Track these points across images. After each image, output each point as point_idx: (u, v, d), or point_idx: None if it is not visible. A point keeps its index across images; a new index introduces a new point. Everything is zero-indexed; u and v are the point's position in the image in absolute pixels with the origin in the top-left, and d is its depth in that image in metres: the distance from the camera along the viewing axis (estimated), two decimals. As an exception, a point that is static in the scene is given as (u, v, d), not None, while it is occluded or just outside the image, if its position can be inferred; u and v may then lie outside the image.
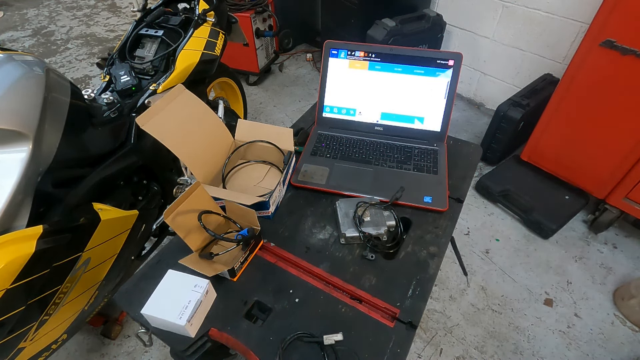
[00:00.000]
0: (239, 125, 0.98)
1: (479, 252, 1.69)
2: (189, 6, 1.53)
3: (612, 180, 1.58)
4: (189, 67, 1.37)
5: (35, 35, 3.49)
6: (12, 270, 0.72)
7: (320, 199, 0.92)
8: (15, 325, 0.79)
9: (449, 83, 0.99)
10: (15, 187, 0.80)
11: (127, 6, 3.96)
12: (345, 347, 0.65)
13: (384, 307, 0.71)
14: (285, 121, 2.49)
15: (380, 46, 1.01)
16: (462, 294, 1.55)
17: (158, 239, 1.41)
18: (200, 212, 0.74)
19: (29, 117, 0.85)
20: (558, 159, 1.75)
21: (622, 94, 1.42)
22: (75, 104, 1.00)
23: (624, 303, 1.48)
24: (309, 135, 1.07)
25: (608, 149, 1.54)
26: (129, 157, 1.17)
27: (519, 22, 2.06)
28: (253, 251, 0.80)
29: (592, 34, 1.41)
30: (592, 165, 1.63)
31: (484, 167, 2.11)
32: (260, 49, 2.62)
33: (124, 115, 1.18)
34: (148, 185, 1.31)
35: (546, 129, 1.71)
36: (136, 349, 1.40)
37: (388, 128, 1.07)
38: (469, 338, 1.42)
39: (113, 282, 1.13)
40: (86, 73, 2.97)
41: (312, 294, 0.73)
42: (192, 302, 0.65)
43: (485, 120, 2.38)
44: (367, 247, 0.81)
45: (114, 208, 1.00)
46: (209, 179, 0.89)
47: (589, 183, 1.68)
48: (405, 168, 0.97)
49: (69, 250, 0.85)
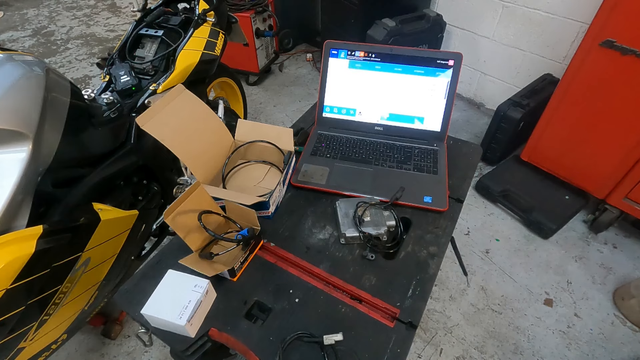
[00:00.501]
0: (239, 125, 0.97)
1: (479, 252, 1.69)
2: (189, 6, 1.54)
3: (612, 180, 1.58)
4: (189, 67, 1.37)
5: (35, 35, 3.49)
6: (12, 270, 0.72)
7: (320, 199, 0.92)
8: (15, 325, 0.79)
9: (449, 83, 0.99)
10: (15, 187, 0.80)
11: (127, 6, 3.96)
12: (345, 347, 0.65)
13: (384, 307, 0.71)
14: (285, 121, 2.49)
15: (380, 46, 1.01)
16: (462, 294, 1.55)
17: (158, 239, 1.41)
18: (200, 212, 0.74)
19: (29, 117, 0.85)
20: (558, 159, 1.75)
21: (622, 94, 1.42)
22: (75, 104, 1.00)
23: (624, 303, 1.48)
24: (309, 135, 1.07)
25: (608, 149, 1.54)
26: (129, 157, 1.17)
27: (519, 22, 2.06)
28: (253, 251, 0.80)
29: (592, 34, 1.41)
30: (592, 165, 1.63)
31: (484, 167, 2.11)
32: (260, 49, 2.62)
33: (124, 115, 1.18)
34: (148, 185, 1.31)
35: (546, 129, 1.71)
36: (136, 349, 1.40)
37: (388, 128, 1.07)
38: (469, 338, 1.42)
39: (113, 282, 1.13)
40: (86, 73, 2.97)
41: (312, 294, 0.73)
42: (192, 302, 0.65)
43: (485, 120, 2.38)
44: (367, 247, 0.81)
45: (114, 208, 1.00)
46: (209, 179, 0.89)
47: (589, 183, 1.68)
48: (405, 168, 0.97)
49: (69, 250, 0.85)
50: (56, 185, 0.92)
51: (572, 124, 1.62)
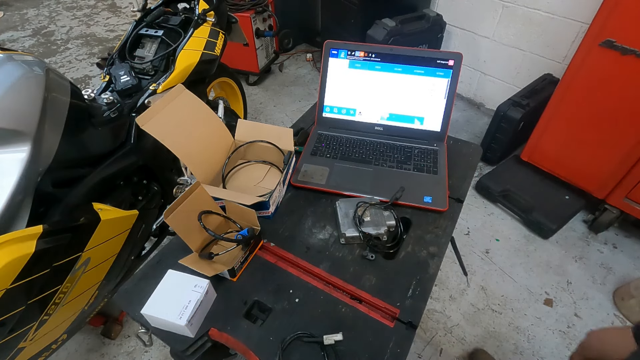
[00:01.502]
0: (239, 125, 0.97)
1: (479, 252, 1.69)
2: (189, 6, 1.54)
3: (612, 180, 1.58)
4: (189, 67, 1.37)
5: (35, 35, 3.49)
6: (12, 270, 0.72)
7: (320, 199, 0.92)
8: (15, 325, 0.79)
9: (449, 83, 0.99)
10: (15, 187, 0.80)
11: (127, 6, 3.96)
12: (345, 347, 0.65)
13: (384, 307, 0.71)
14: (285, 121, 2.49)
15: (380, 46, 1.01)
16: (462, 294, 1.55)
17: (158, 239, 1.41)
18: (200, 212, 0.74)
19: (29, 117, 0.85)
20: (558, 159, 1.75)
21: (622, 94, 1.42)
22: (75, 104, 1.00)
23: (624, 303, 1.48)
24: (309, 135, 1.07)
25: (608, 149, 1.54)
26: (129, 157, 1.17)
27: (519, 22, 2.06)
28: (253, 251, 0.80)
29: (592, 34, 1.41)
30: (592, 165, 1.63)
31: (484, 167, 2.11)
32: (260, 49, 2.62)
33: (124, 115, 1.18)
34: (148, 185, 1.31)
35: (546, 129, 1.71)
36: (136, 349, 1.40)
37: (388, 128, 1.07)
38: (469, 338, 1.42)
39: (113, 282, 1.13)
40: (86, 73, 2.97)
41: (312, 294, 0.73)
42: (192, 302, 0.65)
43: (485, 120, 2.39)
44: (367, 247, 0.81)
45: (114, 208, 1.00)
46: (209, 179, 0.89)
47: (589, 183, 1.68)
48: (405, 168, 0.97)
49: (69, 250, 0.85)
50: (56, 185, 0.92)
51: (572, 124, 1.62)
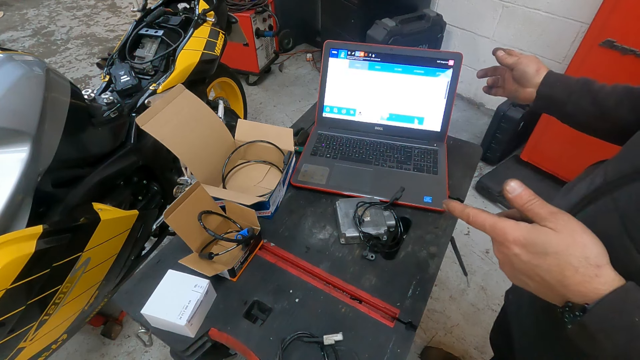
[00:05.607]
0: (239, 125, 0.98)
1: (479, 252, 1.69)
2: (189, 6, 1.54)
3: (612, 180, 1.58)
4: (189, 67, 1.37)
5: (35, 35, 3.49)
6: (12, 270, 0.72)
7: (320, 199, 0.92)
8: (15, 325, 0.79)
9: (449, 83, 0.99)
10: (15, 187, 0.80)
11: (127, 6, 3.96)
12: (345, 347, 0.65)
13: (384, 307, 0.71)
14: (285, 121, 2.49)
15: (380, 46, 1.01)
16: (462, 294, 1.55)
17: (158, 239, 1.41)
18: (200, 212, 0.74)
19: (29, 116, 0.85)
20: (558, 159, 1.75)
21: (622, 94, 1.42)
22: (75, 104, 1.00)
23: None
24: (309, 135, 1.07)
25: (608, 149, 1.54)
26: (129, 157, 1.17)
27: (519, 22, 2.06)
28: (253, 251, 0.80)
29: (592, 34, 1.41)
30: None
31: (484, 167, 2.11)
32: (260, 49, 2.63)
33: (124, 115, 1.18)
34: (148, 185, 1.31)
35: (546, 129, 1.71)
36: (136, 349, 1.40)
37: (388, 128, 1.07)
38: (469, 338, 1.42)
39: (113, 282, 1.13)
40: (86, 73, 2.97)
41: (312, 294, 0.73)
42: (192, 302, 0.65)
43: (485, 120, 2.38)
44: (367, 247, 0.81)
45: (114, 208, 1.00)
46: (209, 179, 0.89)
47: (589, 183, 1.68)
48: (405, 168, 0.97)
49: (69, 250, 0.85)
50: (56, 185, 0.93)
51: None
